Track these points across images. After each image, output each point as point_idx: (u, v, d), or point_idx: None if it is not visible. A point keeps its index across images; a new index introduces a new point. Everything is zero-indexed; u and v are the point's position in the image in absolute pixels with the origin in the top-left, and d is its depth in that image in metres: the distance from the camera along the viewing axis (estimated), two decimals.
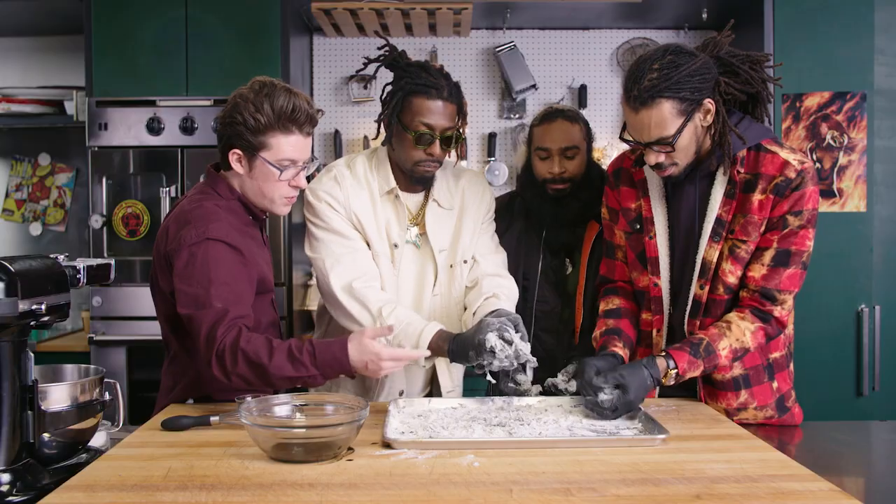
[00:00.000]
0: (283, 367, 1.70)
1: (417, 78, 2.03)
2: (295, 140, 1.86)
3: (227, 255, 1.81)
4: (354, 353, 1.73)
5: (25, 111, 3.84)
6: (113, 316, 3.47)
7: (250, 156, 1.86)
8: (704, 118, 1.84)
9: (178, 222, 1.85)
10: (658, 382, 1.83)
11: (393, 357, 1.74)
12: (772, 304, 1.87)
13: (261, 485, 1.37)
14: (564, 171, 2.33)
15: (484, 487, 1.35)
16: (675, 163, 1.87)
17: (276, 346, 1.72)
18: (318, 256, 2.09)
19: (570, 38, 4.10)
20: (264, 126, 1.82)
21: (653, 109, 1.79)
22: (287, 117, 1.83)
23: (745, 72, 1.87)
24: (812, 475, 1.41)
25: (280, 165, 1.86)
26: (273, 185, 1.88)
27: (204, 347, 1.74)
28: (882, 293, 3.37)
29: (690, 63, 1.79)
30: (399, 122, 2.06)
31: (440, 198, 2.18)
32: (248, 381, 1.73)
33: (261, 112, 1.82)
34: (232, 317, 1.74)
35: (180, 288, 1.79)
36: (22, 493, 1.42)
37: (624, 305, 2.09)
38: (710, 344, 1.85)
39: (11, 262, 1.43)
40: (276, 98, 1.82)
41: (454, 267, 2.19)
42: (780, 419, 2.00)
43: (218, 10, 3.45)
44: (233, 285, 1.79)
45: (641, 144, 1.86)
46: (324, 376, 1.74)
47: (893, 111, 3.37)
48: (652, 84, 1.78)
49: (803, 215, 1.85)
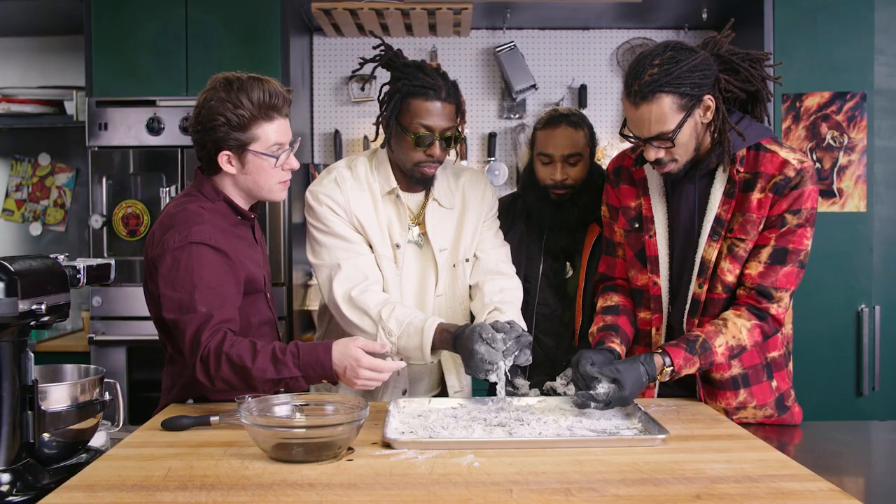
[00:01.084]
0: (266, 369, 1.70)
1: (415, 79, 2.02)
2: (278, 124, 1.87)
3: (212, 259, 1.80)
4: (337, 356, 1.73)
5: (25, 111, 3.85)
6: (113, 316, 3.47)
7: (240, 153, 1.86)
8: (704, 115, 1.84)
9: (162, 227, 1.86)
10: (653, 379, 1.83)
11: (372, 366, 1.73)
12: (768, 301, 1.87)
13: (261, 485, 1.37)
14: (566, 178, 2.33)
15: (484, 487, 1.35)
16: (675, 159, 1.87)
17: (260, 348, 1.71)
18: (320, 263, 2.09)
19: (570, 38, 4.11)
20: (248, 119, 1.83)
21: (653, 104, 1.79)
22: (267, 105, 1.84)
23: (745, 69, 1.87)
24: (812, 475, 1.41)
25: (273, 153, 1.86)
26: (269, 174, 1.88)
27: (189, 352, 1.75)
28: (882, 293, 3.37)
29: (691, 59, 1.80)
30: (398, 124, 2.05)
31: (440, 197, 2.18)
32: (232, 384, 1.73)
33: (241, 107, 1.82)
34: (216, 321, 1.74)
35: (165, 293, 1.78)
36: (22, 493, 1.42)
37: (622, 303, 2.09)
38: (707, 341, 1.85)
39: (11, 262, 1.43)
40: (251, 90, 1.83)
41: (457, 266, 2.19)
42: (780, 418, 2.00)
43: (218, 10, 3.45)
44: (217, 289, 1.79)
45: (641, 140, 1.86)
46: (306, 378, 1.74)
47: (893, 111, 3.37)
48: (652, 79, 1.78)
49: (802, 214, 1.85)
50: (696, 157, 1.90)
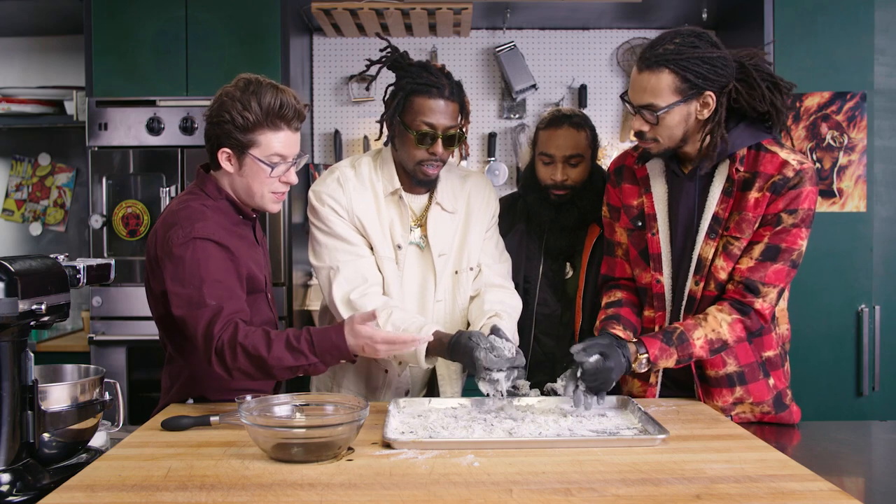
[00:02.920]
0: (283, 357, 1.71)
1: (419, 77, 2.03)
2: (284, 136, 1.86)
3: (216, 253, 1.81)
4: (350, 339, 1.74)
5: (25, 111, 3.84)
6: (113, 316, 3.47)
7: (240, 154, 1.86)
8: (701, 110, 1.85)
9: (165, 224, 1.86)
10: (629, 365, 1.85)
11: (386, 340, 1.74)
12: (753, 295, 1.88)
13: (261, 485, 1.37)
14: (567, 179, 2.33)
15: (484, 487, 1.35)
16: (656, 139, 1.88)
17: (275, 337, 1.72)
18: (321, 265, 2.09)
19: (570, 38, 4.10)
20: (253, 123, 1.82)
21: (653, 74, 1.82)
22: (275, 114, 1.83)
23: (761, 89, 1.86)
24: (812, 475, 1.41)
25: (270, 162, 1.85)
26: (262, 181, 1.88)
27: (203, 346, 1.74)
28: (882, 293, 3.37)
29: (709, 51, 1.82)
30: (401, 122, 2.05)
31: (443, 200, 2.17)
32: (250, 374, 1.73)
33: (249, 110, 1.81)
34: (227, 313, 1.74)
35: (172, 290, 1.78)
36: (22, 493, 1.42)
37: (625, 297, 2.10)
38: (685, 333, 1.87)
39: (11, 262, 1.43)
40: (263, 95, 1.82)
41: (459, 274, 2.18)
42: (778, 416, 2.00)
43: (218, 10, 3.45)
44: (225, 282, 1.79)
45: (633, 108, 1.87)
46: (324, 363, 1.74)
47: (893, 111, 3.37)
48: (664, 52, 1.81)
49: (798, 214, 1.86)
50: (680, 147, 1.91)
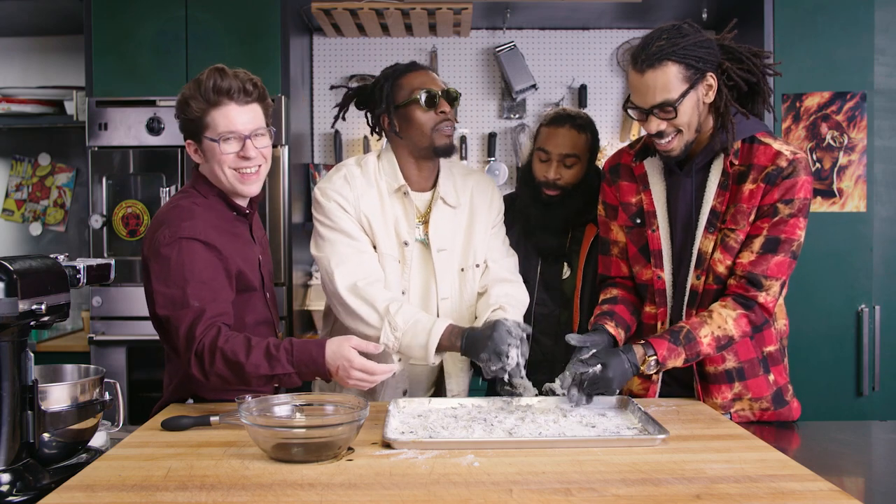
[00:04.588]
0: (260, 364, 1.71)
1: (396, 65, 2.14)
2: (227, 111, 1.85)
3: (202, 253, 1.81)
4: (330, 354, 1.73)
5: (25, 111, 3.84)
6: (113, 316, 3.47)
7: (199, 142, 1.88)
8: (707, 94, 1.87)
9: (155, 224, 1.87)
10: (637, 369, 1.85)
11: (363, 368, 1.73)
12: (756, 290, 1.88)
13: (261, 485, 1.37)
14: (559, 178, 2.34)
15: (484, 487, 1.35)
16: (679, 130, 1.87)
17: (255, 344, 1.72)
18: (323, 255, 2.09)
19: (570, 38, 4.10)
20: (201, 109, 1.85)
21: (658, 71, 1.82)
22: (214, 90, 1.84)
23: (748, 58, 1.90)
24: (812, 475, 1.41)
25: (219, 137, 1.85)
26: (220, 160, 1.87)
27: (183, 347, 1.75)
28: (882, 293, 3.36)
29: (696, 35, 1.85)
30: (400, 106, 2.10)
31: (446, 195, 2.17)
32: (226, 379, 1.74)
33: (194, 97, 1.84)
34: (210, 315, 1.74)
35: (157, 289, 1.79)
36: (22, 493, 1.42)
37: (622, 295, 2.11)
38: (691, 331, 1.87)
39: (11, 262, 1.43)
40: (207, 79, 1.84)
41: (465, 271, 2.18)
42: (777, 412, 2.00)
43: (218, 10, 3.45)
44: (209, 283, 1.79)
45: (644, 111, 1.87)
46: (299, 375, 1.75)
47: (893, 111, 3.37)
48: (660, 48, 1.82)
49: (794, 204, 1.86)
50: (696, 140, 1.91)
